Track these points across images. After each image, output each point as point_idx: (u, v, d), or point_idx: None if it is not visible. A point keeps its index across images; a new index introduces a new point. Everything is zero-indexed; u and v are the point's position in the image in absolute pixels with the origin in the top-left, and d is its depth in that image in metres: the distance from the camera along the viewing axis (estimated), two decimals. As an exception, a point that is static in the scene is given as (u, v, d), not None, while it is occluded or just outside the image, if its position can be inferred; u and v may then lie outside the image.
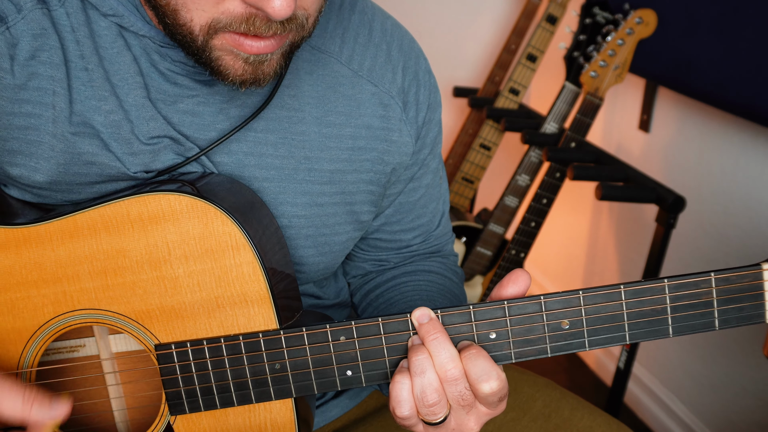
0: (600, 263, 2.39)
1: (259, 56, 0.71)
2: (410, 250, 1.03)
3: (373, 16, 0.91)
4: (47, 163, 0.77)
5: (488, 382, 0.71)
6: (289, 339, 0.76)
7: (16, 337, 0.79)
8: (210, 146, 0.81)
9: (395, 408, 0.72)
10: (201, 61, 0.73)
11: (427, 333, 0.72)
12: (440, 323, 0.73)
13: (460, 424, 0.74)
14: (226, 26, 0.69)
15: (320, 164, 0.87)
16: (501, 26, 2.59)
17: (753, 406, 1.76)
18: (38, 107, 0.76)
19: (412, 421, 0.74)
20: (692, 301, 0.72)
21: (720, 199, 1.82)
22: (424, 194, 0.99)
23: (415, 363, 0.72)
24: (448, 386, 0.72)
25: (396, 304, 0.95)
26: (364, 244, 1.02)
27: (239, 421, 0.80)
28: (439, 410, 0.72)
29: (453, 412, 0.73)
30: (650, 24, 1.80)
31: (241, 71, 0.72)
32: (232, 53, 0.71)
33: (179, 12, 0.69)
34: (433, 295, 0.95)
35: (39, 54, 0.75)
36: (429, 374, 0.71)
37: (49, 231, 0.76)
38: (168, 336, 0.78)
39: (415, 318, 0.74)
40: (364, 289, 1.04)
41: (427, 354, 0.72)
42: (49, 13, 0.75)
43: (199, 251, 0.75)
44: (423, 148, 0.95)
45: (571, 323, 0.73)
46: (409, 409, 0.72)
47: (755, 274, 0.72)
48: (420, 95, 0.92)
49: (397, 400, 0.72)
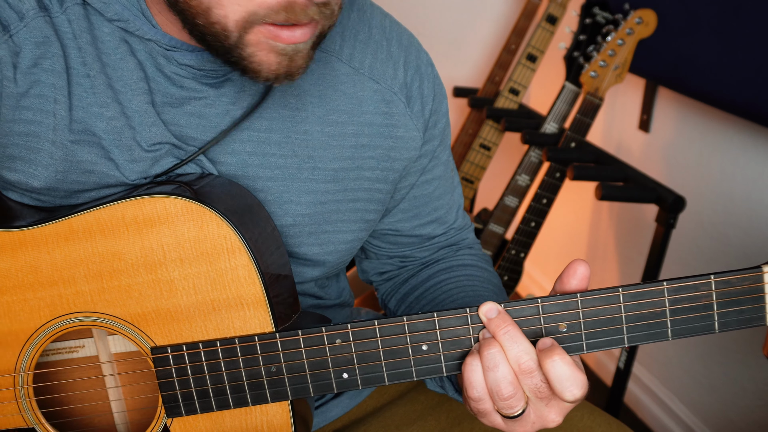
0: (600, 263, 2.39)
1: (295, 46, 0.71)
2: (433, 243, 1.03)
3: (372, 14, 0.91)
4: (45, 170, 0.77)
5: (571, 390, 0.70)
6: (284, 342, 0.76)
7: (13, 340, 0.79)
8: (205, 146, 0.81)
9: (467, 389, 0.72)
10: (232, 59, 0.72)
11: (498, 327, 0.72)
12: (509, 316, 0.72)
13: (540, 417, 0.73)
14: (263, 18, 0.68)
15: (324, 163, 0.87)
16: (501, 26, 2.59)
17: (753, 406, 1.76)
18: (39, 114, 0.76)
19: (486, 405, 0.72)
20: (692, 304, 0.72)
21: (720, 199, 1.81)
22: (438, 186, 0.99)
23: (488, 357, 0.71)
24: (523, 378, 0.71)
25: (442, 303, 0.95)
26: (385, 241, 1.02)
27: (236, 424, 0.80)
28: (516, 403, 0.71)
29: (531, 404, 0.73)
30: (650, 24, 1.80)
31: (275, 65, 0.72)
32: (267, 47, 0.71)
33: (212, 10, 0.69)
34: (478, 290, 0.95)
35: (41, 62, 0.75)
36: (502, 367, 0.70)
37: (44, 234, 0.76)
38: (164, 339, 0.78)
39: (483, 313, 0.72)
40: (400, 293, 1.03)
41: (499, 347, 0.71)
42: (51, 21, 0.75)
43: (194, 254, 0.75)
44: (432, 139, 0.95)
45: (568, 326, 0.73)
46: (481, 390, 0.71)
47: (756, 277, 0.71)
48: (424, 88, 0.93)
49: (469, 381, 0.71)
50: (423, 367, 0.75)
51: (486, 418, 0.74)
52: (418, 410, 1.01)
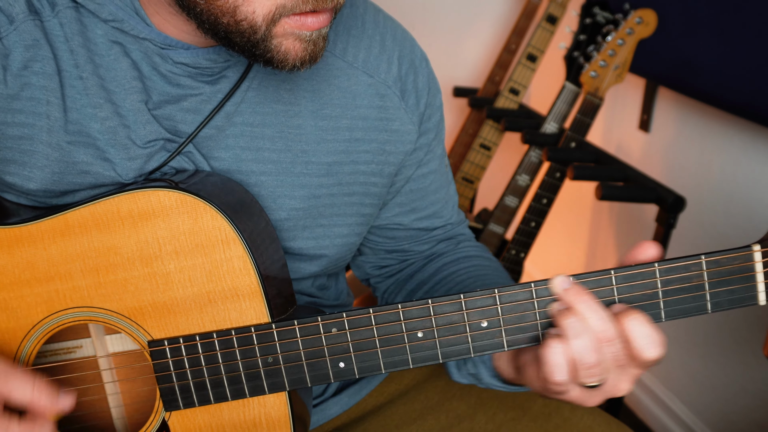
0: (600, 263, 2.38)
1: (319, 32, 0.73)
2: (431, 236, 1.03)
3: (365, 10, 0.92)
4: (41, 172, 0.78)
5: (655, 348, 0.70)
6: (280, 332, 0.76)
7: (10, 336, 0.79)
8: (195, 131, 0.81)
9: (552, 374, 0.71)
10: (256, 53, 0.73)
11: (576, 297, 0.71)
12: (583, 286, 0.72)
13: (614, 385, 0.73)
14: (291, 9, 0.70)
15: (317, 157, 0.87)
16: (501, 26, 2.59)
17: (753, 406, 1.76)
18: (32, 117, 0.76)
19: (566, 387, 0.72)
20: (683, 284, 0.72)
21: (720, 199, 1.81)
22: (434, 180, 1.00)
23: (569, 326, 0.70)
24: (604, 347, 0.71)
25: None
26: (382, 235, 1.02)
27: (234, 416, 0.80)
28: (598, 372, 0.71)
29: (608, 373, 0.72)
30: (650, 24, 1.80)
31: (302, 52, 0.73)
32: (292, 36, 0.72)
33: (239, 8, 0.69)
34: (492, 278, 0.94)
35: (31, 64, 0.75)
36: (586, 336, 0.70)
37: (40, 230, 0.76)
38: (161, 332, 0.78)
39: (556, 285, 0.72)
40: (406, 289, 1.03)
41: (578, 316, 0.71)
42: (41, 24, 0.76)
43: (189, 246, 0.75)
44: (427, 132, 0.95)
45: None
46: (565, 374, 0.71)
47: (745, 256, 0.71)
48: (419, 82, 0.93)
49: (553, 364, 0.71)
50: (418, 354, 0.76)
51: (561, 396, 0.74)
52: (417, 409, 1.01)
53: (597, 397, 0.74)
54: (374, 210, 0.94)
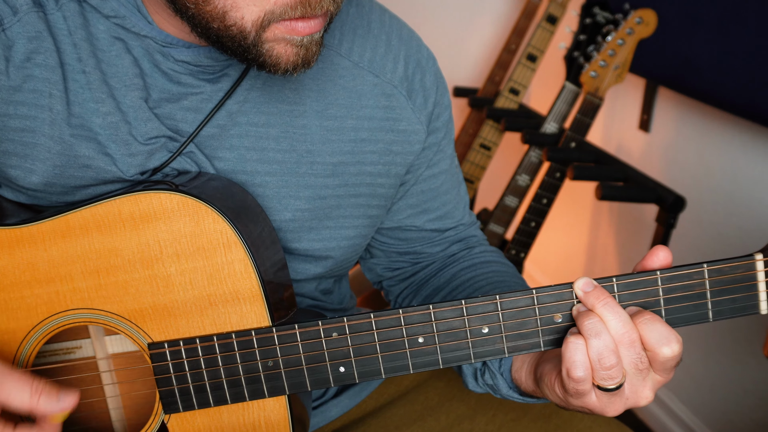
0: (600, 263, 2.38)
1: (311, 36, 0.72)
2: (444, 237, 1.03)
3: (370, 9, 0.91)
4: (43, 164, 0.78)
5: (669, 345, 0.70)
6: (281, 336, 0.76)
7: (10, 337, 0.79)
8: (196, 129, 0.81)
9: (570, 370, 0.71)
10: (249, 57, 0.73)
11: (597, 299, 0.71)
12: (605, 289, 0.72)
13: (634, 392, 0.73)
14: (279, 16, 0.69)
15: (322, 157, 0.87)
16: (501, 26, 2.59)
17: (753, 406, 1.76)
18: (34, 109, 0.76)
19: (586, 386, 0.72)
20: (685, 293, 0.72)
21: (720, 199, 1.81)
22: (445, 180, 0.99)
23: (589, 326, 0.70)
24: (624, 350, 0.71)
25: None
26: (394, 237, 1.01)
27: (233, 419, 0.80)
28: (616, 374, 0.70)
29: (628, 378, 0.72)
30: (650, 24, 1.80)
31: (293, 57, 0.73)
32: (283, 41, 0.72)
33: (228, 13, 0.69)
34: (510, 285, 0.94)
35: (34, 56, 0.75)
36: (605, 336, 0.70)
37: (41, 231, 0.76)
38: (161, 335, 0.78)
39: (579, 287, 0.72)
40: (421, 294, 1.03)
41: (599, 318, 0.71)
42: (45, 17, 0.76)
43: (190, 249, 0.75)
44: (436, 131, 0.95)
45: (563, 317, 0.73)
46: (584, 370, 0.70)
47: (748, 265, 0.71)
48: (426, 81, 0.93)
49: (572, 360, 0.70)
50: (419, 360, 0.75)
51: (581, 399, 0.73)
52: (417, 410, 1.01)
53: (617, 404, 0.73)
54: (381, 211, 0.94)
